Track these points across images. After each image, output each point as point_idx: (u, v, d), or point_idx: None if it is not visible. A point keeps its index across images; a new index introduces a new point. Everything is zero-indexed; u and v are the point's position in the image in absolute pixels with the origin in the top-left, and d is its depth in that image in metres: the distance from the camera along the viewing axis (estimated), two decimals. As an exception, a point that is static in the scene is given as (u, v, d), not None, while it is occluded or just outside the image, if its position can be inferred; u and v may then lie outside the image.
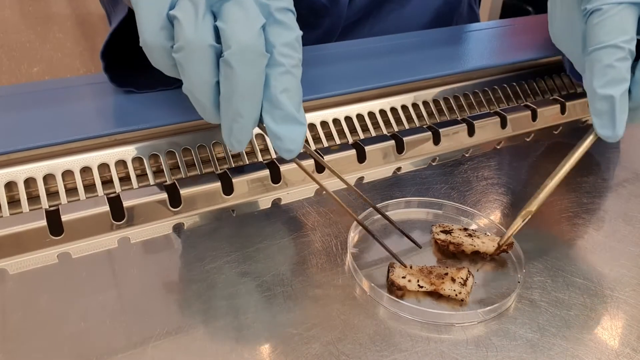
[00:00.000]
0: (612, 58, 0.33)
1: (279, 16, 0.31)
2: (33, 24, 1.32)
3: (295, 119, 0.32)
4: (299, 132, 0.32)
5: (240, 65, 0.30)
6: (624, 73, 0.33)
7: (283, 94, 0.31)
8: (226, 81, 0.30)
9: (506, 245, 0.37)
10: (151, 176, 0.42)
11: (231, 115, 0.31)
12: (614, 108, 0.34)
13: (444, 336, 0.31)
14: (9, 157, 0.38)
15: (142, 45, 0.31)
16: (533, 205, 0.36)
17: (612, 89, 0.33)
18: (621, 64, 0.33)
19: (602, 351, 0.31)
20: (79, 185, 0.39)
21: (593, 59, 0.34)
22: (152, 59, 0.32)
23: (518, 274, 0.36)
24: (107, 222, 0.38)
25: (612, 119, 0.34)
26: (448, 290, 0.34)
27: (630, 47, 0.33)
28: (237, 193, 0.43)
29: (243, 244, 0.38)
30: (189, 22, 0.29)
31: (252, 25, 0.30)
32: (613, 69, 0.33)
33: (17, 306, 0.32)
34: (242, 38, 0.29)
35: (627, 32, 0.33)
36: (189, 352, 0.30)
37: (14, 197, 0.38)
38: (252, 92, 0.31)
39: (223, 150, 0.44)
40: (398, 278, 0.34)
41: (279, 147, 0.32)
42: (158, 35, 0.31)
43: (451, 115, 0.54)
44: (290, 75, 0.32)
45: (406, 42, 0.61)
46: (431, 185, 0.46)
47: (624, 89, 0.34)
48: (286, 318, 0.32)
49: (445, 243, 0.37)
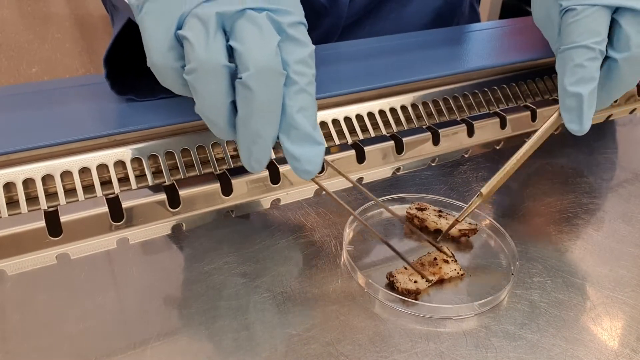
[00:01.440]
0: (583, 58, 0.34)
1: (292, 32, 0.31)
2: (32, 24, 1.32)
3: (313, 138, 0.31)
4: (317, 152, 0.32)
5: (259, 87, 0.29)
6: (593, 72, 0.35)
7: (299, 114, 0.31)
8: (244, 103, 0.29)
9: (469, 230, 0.39)
10: (150, 177, 0.41)
11: (250, 137, 0.31)
12: (582, 105, 0.35)
13: (444, 337, 0.31)
14: (7, 158, 0.38)
15: (150, 65, 0.31)
16: (485, 189, 0.37)
17: (581, 87, 0.35)
18: (591, 64, 0.34)
19: (602, 352, 0.31)
20: (78, 186, 0.39)
21: (565, 57, 0.35)
22: (161, 79, 0.31)
23: (511, 266, 0.37)
24: (106, 222, 0.38)
25: (579, 115, 0.35)
26: (450, 272, 0.35)
27: (600, 47, 0.34)
28: (236, 194, 0.42)
29: (242, 245, 0.38)
30: (200, 42, 0.28)
31: (268, 44, 0.29)
32: (583, 69, 0.34)
33: (16, 307, 0.32)
34: (259, 59, 0.29)
35: (598, 33, 0.34)
36: (188, 353, 0.30)
37: (13, 197, 0.38)
38: (271, 113, 0.30)
39: (222, 151, 0.44)
40: (408, 284, 0.34)
41: (296, 168, 0.32)
42: (167, 56, 0.30)
43: (450, 115, 0.54)
44: (305, 93, 0.31)
45: (405, 43, 0.60)
46: (431, 185, 0.46)
47: (592, 87, 0.35)
48: (285, 319, 0.32)
49: (411, 216, 0.40)
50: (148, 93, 0.44)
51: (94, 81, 0.48)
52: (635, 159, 0.51)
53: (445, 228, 0.39)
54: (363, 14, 0.68)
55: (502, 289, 0.34)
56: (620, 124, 0.59)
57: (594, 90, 0.35)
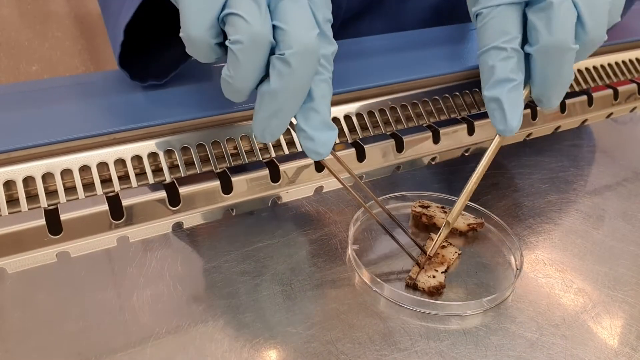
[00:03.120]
0: (496, 59, 0.35)
1: (325, 28, 0.33)
2: (32, 22, 1.32)
3: (330, 124, 0.34)
4: (331, 136, 0.34)
5: (298, 66, 0.31)
6: (507, 73, 0.34)
7: (322, 100, 0.33)
8: (279, 78, 0.31)
9: (476, 224, 0.39)
10: (150, 175, 0.41)
11: (273, 110, 0.32)
12: (502, 107, 0.35)
13: (443, 335, 0.31)
14: (7, 156, 0.38)
15: (185, 38, 0.32)
16: (450, 217, 0.37)
17: (497, 89, 0.35)
18: (503, 64, 0.34)
19: (602, 350, 0.31)
20: (78, 184, 0.39)
21: (481, 62, 0.36)
22: (192, 50, 0.33)
23: (516, 261, 0.37)
24: (106, 221, 0.38)
25: (503, 116, 0.35)
26: (452, 256, 0.36)
27: (512, 46, 0.34)
28: (236, 192, 0.42)
29: (242, 243, 0.38)
30: (254, 17, 0.30)
31: (312, 30, 0.31)
32: (496, 70, 0.35)
33: (15, 305, 0.32)
34: (304, 40, 0.31)
35: (507, 32, 0.35)
36: (188, 352, 0.30)
37: (13, 195, 0.38)
38: (301, 92, 0.32)
39: (222, 149, 0.44)
40: (430, 281, 0.34)
41: (309, 148, 0.34)
42: (207, 32, 0.31)
43: (451, 114, 0.54)
44: (327, 83, 0.34)
45: (406, 41, 0.60)
46: (431, 184, 0.46)
47: (509, 87, 0.35)
48: (285, 317, 0.32)
49: (419, 214, 0.40)
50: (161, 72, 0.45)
51: (94, 79, 0.48)
52: (636, 158, 0.51)
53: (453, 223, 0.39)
54: (363, 7, 0.68)
55: (509, 285, 0.34)
56: (621, 122, 0.59)
57: (513, 89, 0.35)
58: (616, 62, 0.64)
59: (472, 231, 0.40)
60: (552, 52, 0.34)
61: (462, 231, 0.40)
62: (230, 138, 0.44)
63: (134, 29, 0.42)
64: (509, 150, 0.52)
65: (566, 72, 0.36)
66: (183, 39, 0.32)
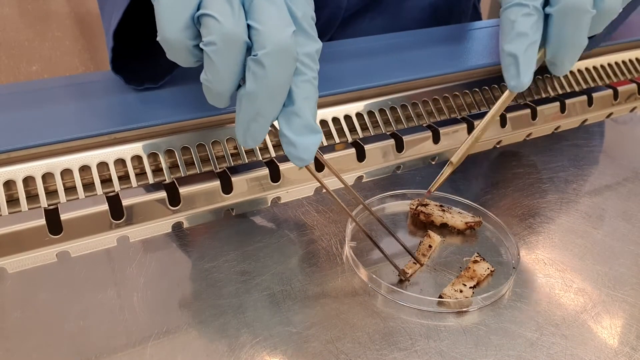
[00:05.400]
0: (517, 14, 0.36)
1: (305, 24, 0.32)
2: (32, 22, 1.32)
3: (313, 128, 0.32)
4: (314, 141, 0.33)
5: (273, 67, 0.30)
6: (527, 28, 0.36)
7: (304, 102, 0.32)
8: (254, 80, 0.30)
9: (474, 222, 0.39)
10: (150, 175, 0.41)
11: (252, 114, 0.31)
12: (518, 61, 0.36)
13: (443, 334, 0.31)
14: (8, 156, 0.38)
15: (162, 40, 0.31)
16: (454, 158, 0.39)
17: (515, 44, 0.36)
18: (524, 19, 0.36)
19: (601, 350, 0.31)
20: (78, 184, 0.39)
21: (503, 18, 0.37)
22: (170, 53, 0.32)
23: (512, 260, 0.37)
24: (106, 220, 0.38)
25: (517, 71, 0.37)
26: (483, 271, 0.35)
27: (534, 4, 0.36)
28: (236, 192, 0.42)
29: (242, 243, 0.38)
30: (225, 18, 0.29)
31: (287, 28, 0.30)
32: (516, 24, 0.36)
33: (16, 305, 0.32)
34: (278, 40, 0.29)
35: None
36: (188, 351, 0.30)
37: (13, 195, 0.38)
38: (278, 95, 0.31)
39: (222, 149, 0.44)
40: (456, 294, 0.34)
41: (291, 154, 0.32)
42: (182, 33, 0.31)
43: (451, 114, 0.54)
44: (310, 84, 0.32)
45: (406, 41, 0.60)
46: (431, 183, 0.45)
47: (527, 43, 0.36)
48: (285, 317, 0.32)
49: (417, 212, 0.40)
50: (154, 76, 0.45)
51: (94, 79, 0.48)
52: (636, 158, 0.51)
53: (451, 222, 0.40)
54: (363, 6, 0.68)
55: (505, 283, 0.34)
56: (621, 122, 0.59)
57: (530, 47, 0.36)
58: (616, 62, 0.64)
59: (470, 229, 0.40)
60: (571, 12, 0.36)
61: (460, 229, 0.40)
62: (230, 138, 0.44)
63: (128, 33, 0.42)
64: (509, 150, 0.52)
65: (581, 34, 0.37)
66: (160, 42, 0.31)
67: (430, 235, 0.38)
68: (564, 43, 0.37)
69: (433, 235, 0.38)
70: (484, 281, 0.35)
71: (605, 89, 0.61)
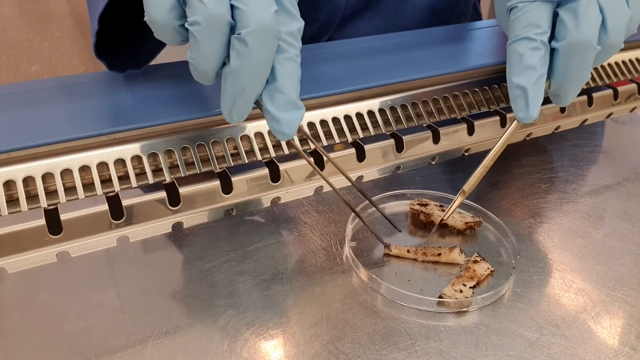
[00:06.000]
0: (525, 48, 0.37)
1: (287, 4, 0.33)
2: (32, 22, 1.32)
3: (296, 104, 0.34)
4: (297, 116, 0.34)
5: (256, 45, 0.31)
6: (535, 62, 0.37)
7: (287, 80, 0.33)
8: (238, 58, 0.32)
9: (474, 223, 0.40)
10: (150, 175, 0.41)
11: (236, 90, 0.33)
12: (527, 94, 0.37)
13: (443, 335, 0.31)
14: (8, 156, 0.38)
15: (149, 21, 0.33)
16: (467, 186, 0.39)
17: (523, 77, 0.37)
18: (532, 53, 0.37)
19: (601, 350, 0.31)
20: (78, 184, 0.39)
21: (510, 50, 0.38)
22: (158, 33, 0.34)
23: (512, 260, 0.37)
24: (106, 221, 0.38)
25: (525, 104, 0.37)
26: (483, 271, 0.35)
27: (541, 38, 0.37)
28: (236, 192, 0.42)
29: (242, 243, 0.38)
30: None
31: (268, 7, 0.31)
32: (524, 57, 0.37)
33: (16, 305, 0.32)
34: (260, 19, 0.31)
35: (539, 26, 0.37)
36: (188, 351, 0.30)
37: (13, 195, 0.38)
38: (261, 72, 0.32)
39: (222, 149, 0.44)
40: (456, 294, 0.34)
41: (275, 129, 0.34)
42: (168, 14, 0.32)
43: (451, 114, 0.54)
44: (293, 62, 0.34)
45: (405, 41, 0.60)
46: (431, 184, 0.45)
47: (536, 77, 0.37)
48: (285, 317, 0.32)
49: (417, 211, 0.40)
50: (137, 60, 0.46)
51: (94, 79, 0.48)
52: (636, 158, 0.51)
53: (451, 222, 0.40)
54: (361, 6, 0.68)
55: (505, 283, 0.34)
56: (621, 122, 0.59)
57: (538, 80, 0.37)
58: (616, 62, 0.64)
59: (470, 229, 0.40)
60: (577, 48, 0.37)
61: (460, 229, 0.40)
62: (230, 138, 0.44)
63: (112, 18, 0.42)
64: (509, 150, 0.52)
65: (586, 69, 0.38)
66: (147, 22, 0.33)
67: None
68: (568, 77, 0.38)
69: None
70: (484, 281, 0.35)
71: (605, 89, 0.61)
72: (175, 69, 0.49)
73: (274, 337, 0.31)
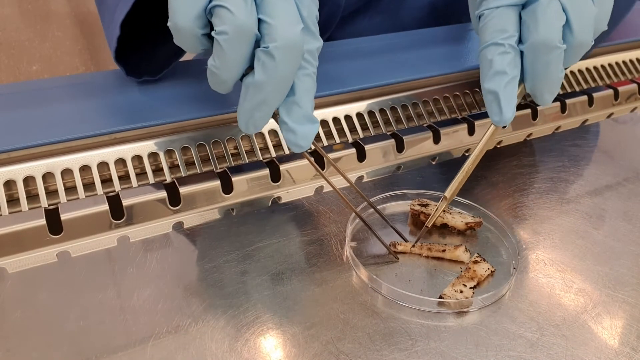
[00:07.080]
0: (493, 54, 0.37)
1: (310, 23, 0.34)
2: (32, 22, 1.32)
3: (312, 118, 0.35)
4: (312, 130, 0.35)
5: (282, 59, 0.32)
6: (504, 66, 0.37)
7: (305, 94, 0.34)
8: (264, 70, 0.32)
9: (474, 223, 0.40)
10: (150, 175, 0.41)
11: (257, 102, 0.33)
12: (499, 99, 0.37)
13: (444, 335, 0.31)
14: (8, 156, 0.38)
15: (172, 27, 0.33)
16: (447, 192, 0.39)
17: (494, 82, 0.37)
18: (500, 58, 0.37)
19: (602, 350, 0.31)
20: (78, 184, 0.39)
21: (481, 57, 0.38)
22: (180, 39, 0.34)
23: (513, 260, 0.37)
24: (106, 220, 0.38)
25: (499, 108, 0.37)
26: (483, 271, 0.35)
27: (509, 42, 0.37)
28: (237, 192, 0.42)
29: (242, 243, 0.38)
30: (239, 10, 0.31)
31: (297, 25, 0.32)
32: (494, 63, 0.37)
33: (16, 305, 0.32)
34: (289, 35, 0.32)
35: (505, 30, 0.37)
36: (188, 351, 0.30)
37: (13, 195, 0.38)
38: (284, 86, 0.33)
39: (222, 149, 0.44)
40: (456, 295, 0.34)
41: (290, 140, 0.34)
42: (193, 22, 0.32)
43: (451, 114, 0.54)
44: (310, 78, 0.35)
45: (406, 41, 0.60)
46: (431, 184, 0.45)
47: (506, 80, 0.37)
48: (285, 317, 0.32)
49: (417, 212, 0.40)
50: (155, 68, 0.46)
51: (94, 79, 0.48)
52: (636, 158, 0.51)
53: (452, 222, 0.40)
54: (362, 4, 0.68)
55: (505, 283, 0.34)
56: (621, 122, 0.59)
57: (508, 84, 0.37)
58: (616, 62, 0.64)
59: (470, 230, 0.40)
60: (540, 48, 0.37)
61: (460, 230, 0.40)
62: (230, 138, 0.44)
63: (130, 24, 0.42)
64: (509, 150, 0.52)
65: (555, 68, 0.38)
66: (170, 28, 0.33)
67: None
68: (538, 77, 0.38)
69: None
70: (484, 281, 0.35)
71: (606, 89, 0.61)
72: (176, 69, 0.49)
73: (275, 337, 0.31)
